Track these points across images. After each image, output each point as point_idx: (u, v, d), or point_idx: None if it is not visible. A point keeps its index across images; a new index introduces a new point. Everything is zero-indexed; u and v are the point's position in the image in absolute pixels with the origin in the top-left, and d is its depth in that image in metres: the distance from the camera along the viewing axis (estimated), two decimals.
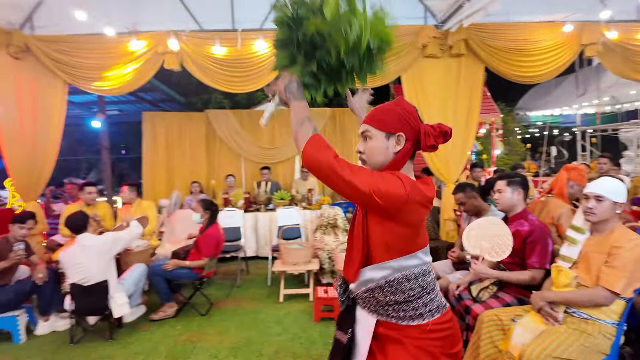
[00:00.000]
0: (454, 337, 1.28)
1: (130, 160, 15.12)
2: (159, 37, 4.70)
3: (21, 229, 3.58)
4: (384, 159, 1.26)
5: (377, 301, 1.27)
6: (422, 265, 1.25)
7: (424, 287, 1.24)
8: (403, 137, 1.24)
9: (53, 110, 4.82)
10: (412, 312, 1.24)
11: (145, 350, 3.20)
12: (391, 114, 1.26)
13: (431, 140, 1.22)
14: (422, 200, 1.20)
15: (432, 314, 1.24)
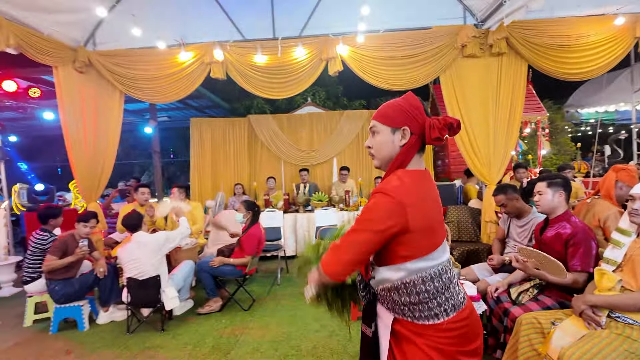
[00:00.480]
0: (471, 334, 1.28)
1: (178, 164, 15.96)
2: (206, 48, 5.00)
3: (85, 227, 3.95)
4: (391, 152, 1.31)
5: (393, 300, 1.30)
6: (438, 266, 1.26)
7: (438, 288, 1.25)
8: (408, 131, 1.28)
9: (111, 119, 5.27)
10: (428, 312, 1.25)
11: (193, 341, 3.43)
12: (396, 110, 1.30)
13: (436, 132, 1.24)
14: (417, 200, 1.22)
15: (448, 313, 1.25)
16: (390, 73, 4.85)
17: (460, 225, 4.79)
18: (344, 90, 12.28)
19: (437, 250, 1.26)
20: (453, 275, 1.32)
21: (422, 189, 1.27)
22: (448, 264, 1.31)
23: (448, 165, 8.78)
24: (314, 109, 9.10)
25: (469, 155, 4.87)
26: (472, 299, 2.72)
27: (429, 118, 1.28)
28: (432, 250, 1.25)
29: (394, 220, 1.18)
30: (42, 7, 4.28)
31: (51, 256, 3.67)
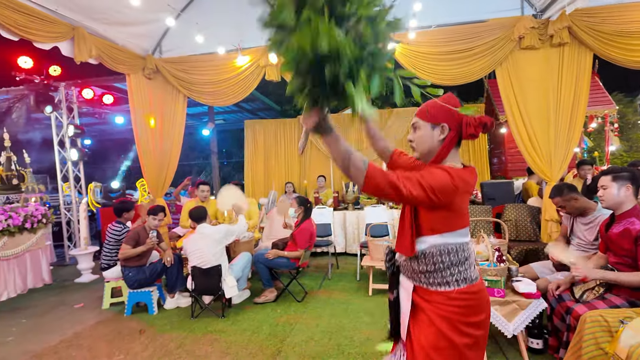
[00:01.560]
0: (476, 307, 1.41)
1: (232, 164, 16.71)
2: (261, 52, 5.25)
3: (154, 219, 4.31)
4: (430, 146, 1.46)
5: (413, 269, 1.47)
6: (457, 244, 1.42)
7: (453, 262, 1.41)
8: (446, 127, 1.43)
9: (175, 121, 5.70)
10: (440, 280, 1.41)
11: (251, 328, 3.63)
12: (436, 108, 1.44)
13: (471, 129, 1.39)
14: (467, 188, 1.38)
15: (459, 283, 1.41)
16: (442, 68, 4.79)
17: (519, 224, 4.62)
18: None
19: (459, 231, 1.42)
20: (470, 255, 1.45)
21: (467, 181, 1.39)
22: (467, 245, 1.45)
23: (505, 162, 8.43)
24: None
25: (527, 152, 4.68)
26: (532, 296, 2.65)
27: (465, 116, 1.41)
28: (455, 230, 1.41)
29: (448, 196, 1.33)
30: (119, 21, 4.74)
31: (126, 245, 4.06)
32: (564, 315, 2.51)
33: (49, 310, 4.45)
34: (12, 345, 3.49)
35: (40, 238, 5.58)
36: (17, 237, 5.15)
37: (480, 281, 1.47)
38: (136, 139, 5.40)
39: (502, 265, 2.83)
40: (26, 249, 5.28)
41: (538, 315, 2.68)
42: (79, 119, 7.46)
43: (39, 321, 4.09)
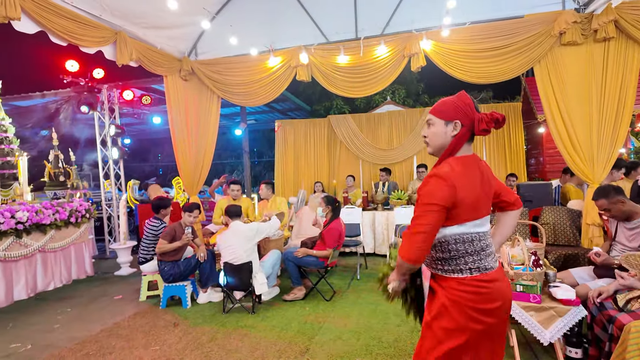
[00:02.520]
0: (487, 296, 1.48)
1: (263, 163, 16.99)
2: (292, 53, 5.31)
3: (190, 216, 4.46)
4: (443, 141, 1.55)
5: (431, 256, 1.59)
6: (470, 234, 1.50)
7: (468, 250, 1.50)
8: (459, 123, 1.51)
9: (210, 121, 5.87)
10: (454, 267, 1.51)
11: (280, 325, 3.68)
12: (449, 105, 1.54)
13: (483, 125, 1.48)
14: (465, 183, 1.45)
15: (471, 271, 1.49)
16: (477, 66, 4.66)
17: (557, 227, 4.42)
18: (425, 87, 11.98)
19: (474, 221, 1.50)
20: (486, 246, 1.53)
21: (470, 172, 1.50)
22: (483, 235, 1.53)
23: (543, 163, 8.10)
24: (393, 107, 9.03)
25: (568, 152, 4.48)
26: (570, 303, 2.54)
27: (478, 113, 1.51)
28: (467, 221, 1.48)
29: (450, 199, 1.43)
30: (157, 25, 4.94)
31: (162, 240, 4.22)
32: (606, 325, 2.39)
33: (92, 300, 4.71)
34: (58, 332, 3.72)
35: (83, 232, 5.91)
36: (63, 231, 5.48)
37: (496, 271, 1.53)
38: (173, 138, 5.61)
39: (539, 269, 2.72)
40: (71, 242, 5.61)
41: (577, 324, 2.56)
42: (119, 119, 7.83)
43: (82, 311, 4.34)
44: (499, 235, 1.77)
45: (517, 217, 1.76)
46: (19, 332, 3.77)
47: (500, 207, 1.75)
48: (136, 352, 3.21)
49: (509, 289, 1.56)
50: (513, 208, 1.74)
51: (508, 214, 1.76)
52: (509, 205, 1.73)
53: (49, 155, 6.53)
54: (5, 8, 3.14)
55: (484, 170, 1.56)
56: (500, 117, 1.47)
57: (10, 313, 4.34)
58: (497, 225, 1.78)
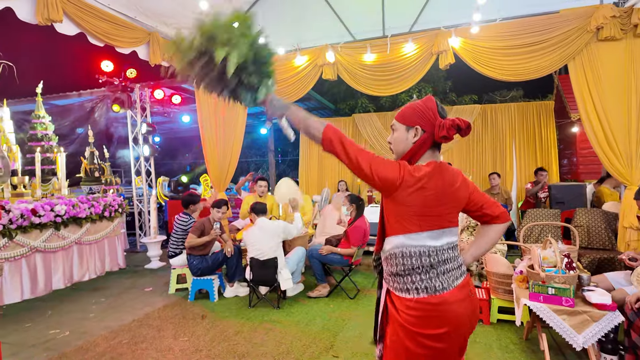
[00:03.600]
0: (436, 319, 1.36)
1: (287, 162, 17.14)
2: (318, 52, 5.34)
3: (218, 212, 4.57)
4: (404, 147, 1.49)
5: (385, 270, 1.51)
6: (421, 247, 1.40)
7: (414, 267, 1.40)
8: (419, 129, 1.44)
9: (237, 120, 5.97)
10: (402, 285, 1.42)
11: (305, 320, 3.72)
12: (411, 110, 1.48)
13: (443, 132, 1.39)
14: (417, 183, 1.36)
15: (418, 292, 1.38)
16: (508, 63, 4.55)
17: (591, 230, 4.26)
18: (453, 86, 11.75)
19: (425, 233, 1.40)
20: (442, 262, 1.41)
21: (428, 180, 1.39)
22: (435, 250, 1.41)
23: (576, 164, 7.80)
24: None
25: (604, 152, 4.30)
26: (606, 308, 2.45)
27: (440, 119, 1.43)
28: (418, 231, 1.39)
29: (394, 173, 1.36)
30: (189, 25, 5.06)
31: (192, 235, 4.34)
32: None
33: (124, 291, 4.90)
34: (93, 321, 3.90)
35: (116, 226, 6.15)
36: (98, 224, 5.73)
37: (452, 292, 1.39)
38: (202, 136, 5.75)
39: (572, 272, 2.64)
40: (105, 235, 5.85)
41: (613, 329, 2.48)
42: (151, 117, 8.09)
43: (115, 301, 4.52)
44: (476, 247, 1.62)
45: (500, 233, 1.60)
46: (57, 319, 3.97)
47: (483, 220, 1.60)
48: (166, 342, 3.32)
49: (469, 311, 1.42)
50: (497, 222, 1.58)
51: (491, 227, 1.60)
52: (492, 219, 1.57)
53: (85, 152, 6.83)
54: (49, 11, 3.32)
55: (450, 181, 1.44)
56: (462, 123, 1.40)
57: (49, 301, 4.58)
58: (476, 237, 1.64)
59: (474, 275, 4.35)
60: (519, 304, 2.77)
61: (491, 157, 7.52)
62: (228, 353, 3.09)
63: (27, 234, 4.65)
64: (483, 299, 3.53)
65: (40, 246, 4.77)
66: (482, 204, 1.56)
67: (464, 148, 7.79)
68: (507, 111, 7.49)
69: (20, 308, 4.34)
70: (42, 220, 4.78)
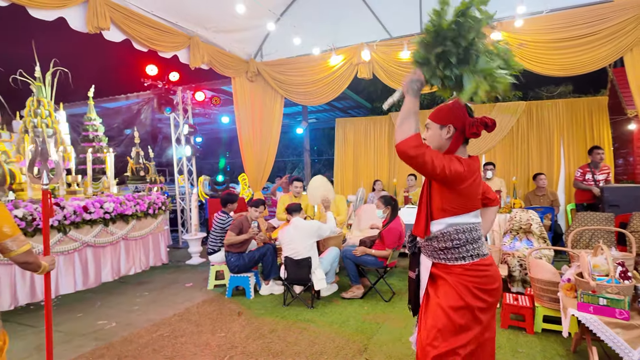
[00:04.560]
0: (489, 277, 1.68)
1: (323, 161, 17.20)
2: (354, 50, 5.31)
3: (255, 211, 4.67)
4: (439, 144, 1.72)
5: (433, 247, 1.75)
6: (469, 224, 1.70)
7: (468, 239, 1.68)
8: (452, 127, 1.68)
9: (273, 120, 6.08)
10: (457, 255, 1.69)
11: (338, 321, 3.71)
12: (444, 110, 1.72)
13: (474, 129, 1.64)
14: (473, 175, 1.64)
15: (473, 257, 1.69)
16: (556, 58, 4.30)
17: None
18: None
19: (470, 213, 1.70)
20: (480, 236, 1.73)
21: (473, 171, 1.66)
22: (477, 226, 1.72)
23: (632, 164, 7.25)
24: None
25: None
26: None
27: (470, 118, 1.67)
28: (466, 212, 1.69)
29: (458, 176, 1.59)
30: (227, 29, 5.22)
31: (231, 232, 4.46)
32: None
33: (166, 286, 5.11)
34: (137, 313, 4.10)
35: (160, 223, 6.43)
36: (143, 221, 6.02)
37: (490, 258, 1.73)
38: (239, 137, 5.90)
39: (627, 282, 2.44)
40: (149, 231, 6.14)
41: None
42: (192, 119, 8.39)
43: (158, 295, 4.73)
44: (483, 228, 1.90)
45: (496, 212, 2.00)
46: (105, 310, 4.21)
47: (483, 203, 1.90)
48: (204, 337, 3.43)
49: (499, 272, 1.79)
50: (493, 204, 1.96)
51: (489, 209, 1.96)
52: (490, 201, 1.94)
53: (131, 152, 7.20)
54: (98, 19, 3.52)
55: (477, 169, 1.72)
56: (489, 121, 1.65)
57: (98, 293, 4.87)
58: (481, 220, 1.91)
59: (517, 281, 4.14)
60: (566, 313, 2.61)
61: (537, 157, 7.13)
62: (263, 351, 3.14)
63: (79, 229, 4.97)
64: (526, 306, 3.36)
65: (90, 241, 5.09)
66: (484, 190, 1.87)
67: (507, 148, 7.44)
68: (554, 108, 7.06)
69: (73, 299, 4.65)
70: (92, 217, 5.09)
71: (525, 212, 4.60)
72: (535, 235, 4.35)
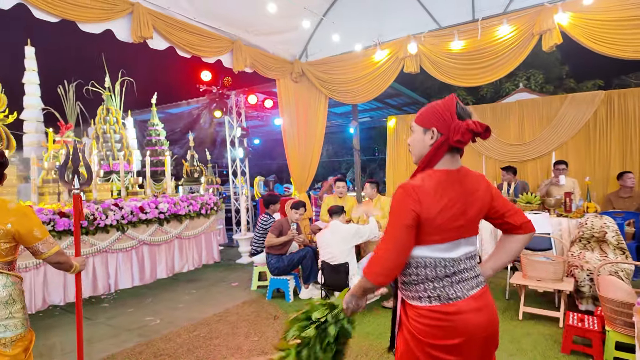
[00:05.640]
0: (447, 330, 1.30)
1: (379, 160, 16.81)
2: (400, 44, 5.02)
3: (296, 213, 4.62)
4: (421, 151, 1.42)
5: (398, 279, 1.46)
6: (433, 258, 1.34)
7: (428, 276, 1.34)
8: (436, 131, 1.36)
9: (317, 120, 5.98)
10: (414, 294, 1.37)
11: (376, 332, 3.50)
12: (429, 111, 1.39)
13: (458, 135, 1.29)
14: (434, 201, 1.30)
15: (431, 300, 1.33)
16: (633, 38, 3.63)
17: None
18: (571, 71, 10.11)
19: (440, 245, 1.34)
20: (457, 272, 1.36)
21: (445, 189, 1.33)
22: (449, 262, 1.35)
23: None
24: (527, 95, 7.84)
25: None
26: None
27: (457, 121, 1.32)
28: (431, 243, 1.33)
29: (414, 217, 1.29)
30: (268, 31, 5.23)
31: (271, 234, 4.45)
32: None
33: (213, 284, 5.27)
34: (182, 311, 4.25)
35: (212, 222, 6.67)
36: (196, 221, 6.28)
37: (464, 302, 1.33)
38: (284, 138, 5.90)
39: None
40: (202, 231, 6.40)
41: None
42: (247, 121, 8.62)
43: (204, 293, 4.88)
44: (495, 260, 1.55)
45: (523, 243, 1.51)
46: (154, 307, 4.43)
47: (504, 229, 1.52)
48: (237, 340, 3.42)
49: (485, 322, 1.34)
50: (519, 232, 1.49)
51: (513, 237, 1.51)
52: (514, 228, 1.49)
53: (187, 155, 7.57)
54: (141, 29, 3.68)
55: (471, 188, 1.39)
56: (478, 127, 1.28)
57: (153, 289, 5.16)
58: (496, 248, 1.56)
59: (586, 298, 3.58)
60: None
61: (617, 153, 6.18)
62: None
63: (136, 228, 5.31)
64: (594, 329, 2.87)
65: (146, 239, 5.41)
66: (504, 212, 1.48)
67: (582, 143, 6.57)
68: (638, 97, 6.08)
69: (130, 294, 4.97)
70: (147, 217, 5.41)
71: (599, 217, 3.99)
72: (611, 245, 3.74)
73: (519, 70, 9.88)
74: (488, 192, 1.44)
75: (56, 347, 3.41)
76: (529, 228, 1.49)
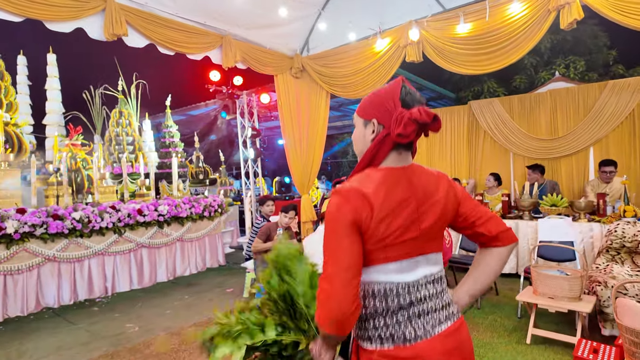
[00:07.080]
0: None
1: None
2: (401, 31, 4.59)
3: (285, 217, 4.30)
4: (362, 147, 1.16)
5: None
6: (381, 284, 1.06)
7: (378, 309, 1.06)
8: (376, 123, 1.11)
9: (319, 118, 5.65)
10: (364, 332, 1.09)
11: None
12: (369, 99, 1.15)
13: (399, 128, 1.03)
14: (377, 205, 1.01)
15: (382, 342, 1.04)
16: None
17: None
18: (619, 56, 9.00)
19: (390, 265, 1.05)
20: (408, 304, 1.05)
21: (390, 190, 1.04)
22: (406, 288, 1.05)
23: None
24: (565, 84, 7.02)
25: None
26: None
27: (399, 109, 1.06)
28: (382, 263, 1.05)
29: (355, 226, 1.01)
30: (261, 24, 4.96)
31: (257, 239, 4.19)
32: None
33: (208, 290, 5.09)
34: (165, 319, 4.09)
35: (217, 225, 6.53)
36: (199, 223, 6.16)
37: (427, 343, 1.03)
38: (283, 136, 5.63)
39: None
40: (205, 233, 6.27)
41: None
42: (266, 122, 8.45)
43: (195, 300, 4.71)
44: (472, 281, 1.20)
45: (502, 259, 1.17)
46: (140, 312, 4.31)
47: (480, 241, 1.20)
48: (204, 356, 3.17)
49: None
50: (497, 244, 1.17)
51: (488, 251, 1.19)
52: (490, 240, 1.17)
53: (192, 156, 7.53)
54: (113, 26, 3.54)
55: (426, 191, 1.08)
56: (424, 116, 1.01)
57: (150, 292, 5.07)
58: (471, 267, 1.23)
59: (611, 321, 2.98)
60: None
61: None
62: None
63: (134, 231, 5.25)
64: None
65: (145, 242, 5.34)
66: (475, 220, 1.17)
67: (624, 137, 5.73)
68: None
69: (124, 297, 4.90)
70: (146, 219, 5.34)
71: (633, 224, 3.35)
72: None
73: (557, 57, 8.95)
74: (451, 194, 1.14)
75: (28, 352, 3.34)
76: (508, 238, 1.17)
